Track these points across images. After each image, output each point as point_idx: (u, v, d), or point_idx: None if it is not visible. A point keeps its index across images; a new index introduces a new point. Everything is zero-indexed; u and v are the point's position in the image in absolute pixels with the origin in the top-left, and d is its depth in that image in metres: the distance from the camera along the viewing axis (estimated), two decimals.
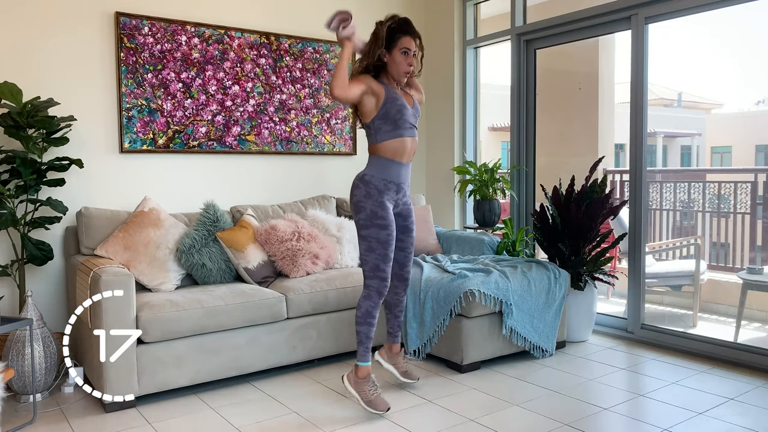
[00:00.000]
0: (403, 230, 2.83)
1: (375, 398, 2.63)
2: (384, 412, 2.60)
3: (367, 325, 2.67)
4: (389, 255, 2.66)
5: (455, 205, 4.72)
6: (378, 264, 2.65)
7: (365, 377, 2.67)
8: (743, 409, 2.68)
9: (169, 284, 3.17)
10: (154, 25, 3.60)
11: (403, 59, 2.64)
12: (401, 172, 2.70)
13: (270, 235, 3.44)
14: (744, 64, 14.86)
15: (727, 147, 13.08)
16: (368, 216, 2.63)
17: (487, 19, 4.81)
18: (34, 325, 2.82)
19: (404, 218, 2.82)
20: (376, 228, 2.62)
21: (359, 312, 2.69)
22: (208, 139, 3.83)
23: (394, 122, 2.64)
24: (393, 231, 2.66)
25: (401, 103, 2.66)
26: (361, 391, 2.65)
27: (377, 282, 2.66)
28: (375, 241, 2.63)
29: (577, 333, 3.71)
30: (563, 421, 2.56)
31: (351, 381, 2.70)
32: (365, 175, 2.67)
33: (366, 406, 2.62)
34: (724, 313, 4.68)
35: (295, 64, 4.16)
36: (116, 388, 2.69)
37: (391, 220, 2.66)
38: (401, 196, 2.75)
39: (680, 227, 5.79)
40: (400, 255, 2.87)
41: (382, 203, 2.64)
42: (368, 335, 2.68)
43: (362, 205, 2.65)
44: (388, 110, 2.63)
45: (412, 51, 2.65)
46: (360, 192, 2.66)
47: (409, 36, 2.65)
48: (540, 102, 4.39)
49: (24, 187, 3.06)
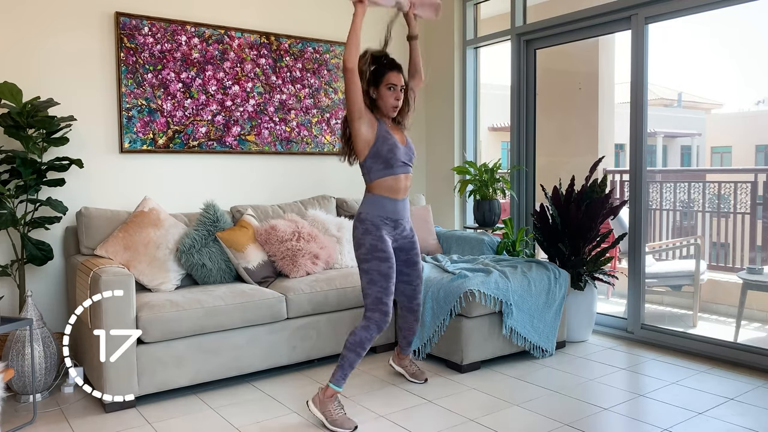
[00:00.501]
0: (407, 264, 2.86)
1: (340, 418, 2.52)
2: (350, 430, 2.49)
3: (356, 354, 2.59)
4: (391, 288, 2.65)
5: (455, 205, 4.72)
6: (380, 297, 2.62)
7: (332, 397, 2.57)
8: (743, 409, 2.68)
9: (169, 284, 3.17)
10: (154, 25, 3.60)
11: (389, 94, 2.66)
12: (397, 209, 2.71)
13: (270, 235, 3.44)
14: (744, 64, 14.88)
15: (727, 147, 13.08)
16: (368, 250, 2.64)
17: (487, 19, 4.81)
18: (34, 325, 2.82)
19: (406, 252, 2.84)
20: (377, 261, 2.63)
21: (351, 338, 2.60)
22: (208, 139, 3.83)
23: (386, 162, 2.65)
24: (393, 265, 2.67)
25: (392, 143, 2.66)
26: (326, 411, 2.54)
27: (379, 315, 2.61)
28: (377, 273, 2.63)
29: (577, 333, 3.71)
30: (563, 421, 2.56)
31: (316, 402, 2.59)
32: (361, 214, 2.69)
33: (331, 427, 2.50)
34: (724, 313, 4.68)
35: (295, 64, 4.16)
36: (116, 388, 2.69)
37: (391, 254, 2.67)
38: (400, 231, 2.76)
39: (680, 227, 5.79)
40: (407, 288, 2.90)
41: (381, 237, 2.65)
42: (352, 364, 2.59)
43: (362, 242, 2.66)
44: (379, 149, 2.64)
45: (398, 86, 2.67)
46: (358, 231, 2.68)
47: (396, 71, 2.67)
48: (540, 102, 4.39)
49: (24, 187, 3.06)
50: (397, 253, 2.80)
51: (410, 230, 2.84)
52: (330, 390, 2.57)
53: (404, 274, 2.87)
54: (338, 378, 2.58)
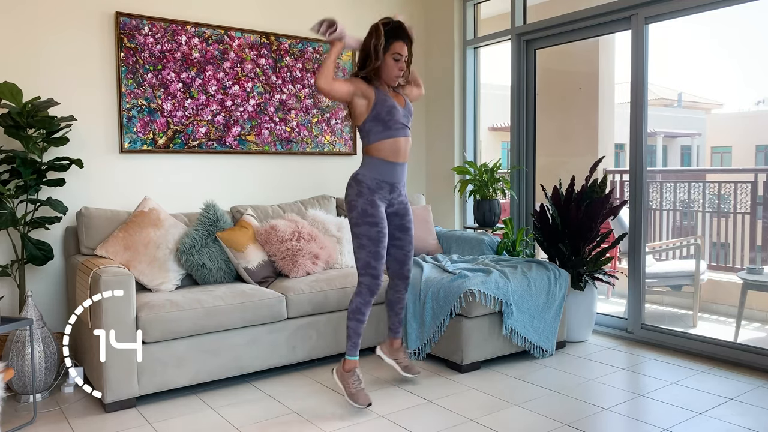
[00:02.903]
0: (401, 228, 2.88)
1: (357, 392, 2.67)
2: (364, 406, 2.64)
3: (356, 320, 2.73)
4: (381, 252, 2.70)
5: (455, 205, 4.72)
6: (369, 261, 2.69)
7: (351, 371, 2.72)
8: (743, 409, 2.68)
9: (169, 284, 3.17)
10: (154, 25, 3.60)
11: (394, 64, 2.69)
12: (395, 172, 2.74)
13: (270, 235, 3.44)
14: (744, 64, 14.86)
15: (727, 147, 13.07)
16: (359, 214, 2.68)
17: (487, 19, 4.81)
18: (34, 325, 2.82)
19: (401, 217, 2.86)
20: (367, 225, 2.67)
21: (350, 307, 2.76)
22: (208, 139, 3.83)
23: (385, 123, 2.68)
24: (384, 229, 2.71)
25: (391, 104, 2.70)
26: (346, 384, 2.70)
27: (368, 279, 2.71)
28: (366, 238, 2.68)
29: (577, 333, 3.71)
30: (563, 421, 2.56)
31: (338, 374, 2.76)
32: (358, 175, 2.73)
33: (348, 399, 2.68)
34: (724, 313, 4.68)
35: (295, 64, 4.16)
36: (116, 388, 2.70)
37: (382, 218, 2.71)
38: (396, 195, 2.79)
39: (680, 227, 5.79)
40: (399, 253, 2.91)
41: (373, 201, 2.69)
42: (357, 331, 2.74)
43: (354, 204, 2.70)
44: (379, 112, 2.67)
45: (403, 56, 2.70)
46: (352, 191, 2.72)
47: (402, 41, 2.69)
48: (540, 102, 4.39)
49: (24, 187, 3.06)
50: (391, 217, 2.83)
51: (405, 195, 2.88)
52: (347, 362, 2.72)
53: (396, 238, 2.88)
54: (349, 348, 2.73)
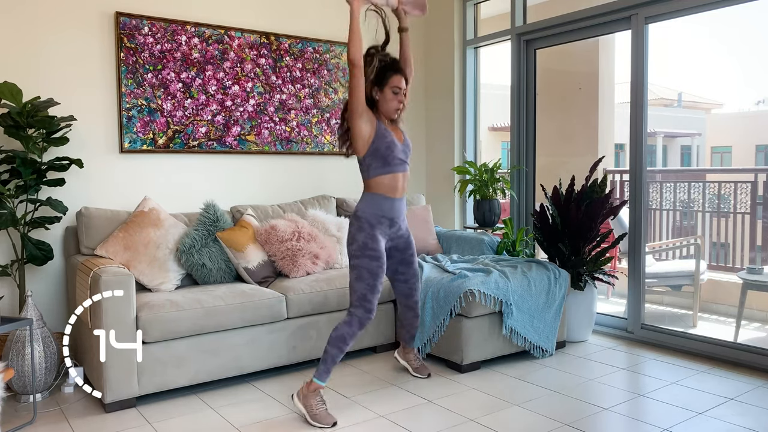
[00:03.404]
0: (402, 263, 2.90)
1: (320, 413, 2.57)
2: (329, 426, 2.52)
3: (338, 349, 2.63)
4: (377, 287, 2.68)
5: (455, 205, 4.72)
6: (365, 294, 2.66)
7: (315, 391, 2.61)
8: (743, 409, 2.68)
9: (169, 284, 3.17)
10: (154, 25, 3.60)
11: (393, 97, 2.70)
12: (394, 207, 2.74)
13: (270, 235, 3.44)
14: (744, 64, 14.87)
15: (727, 147, 13.07)
16: (360, 247, 2.68)
17: (487, 19, 4.81)
18: (34, 325, 2.82)
19: (402, 251, 2.87)
20: (367, 258, 2.66)
21: (334, 333, 2.64)
22: (208, 139, 3.83)
23: (384, 159, 2.68)
24: (383, 264, 2.70)
25: (390, 140, 2.69)
26: (308, 405, 2.59)
27: (362, 312, 2.65)
28: (365, 270, 2.66)
29: (577, 333, 3.71)
30: (563, 421, 2.56)
31: (300, 395, 2.64)
32: (357, 211, 2.73)
33: (311, 421, 2.55)
34: (724, 313, 4.68)
35: (295, 64, 4.15)
36: (116, 388, 2.70)
37: (382, 252, 2.70)
38: (395, 230, 2.79)
39: (680, 227, 5.79)
40: (404, 287, 2.95)
41: (373, 236, 2.69)
42: (335, 359, 2.63)
43: (355, 238, 2.71)
44: (378, 147, 2.67)
45: (402, 90, 2.71)
46: (353, 227, 2.73)
47: (399, 75, 2.70)
48: (540, 102, 4.39)
49: (24, 187, 3.06)
50: (392, 252, 2.84)
51: (406, 229, 2.87)
52: (314, 384, 2.62)
53: (400, 273, 2.92)
54: (321, 372, 2.63)
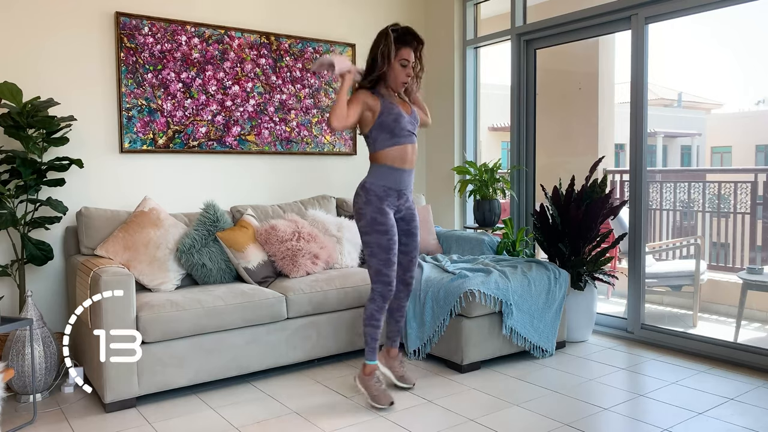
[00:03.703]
0: (407, 234, 2.89)
1: (379, 393, 2.73)
2: (386, 406, 2.69)
3: (372, 326, 2.77)
4: (392, 259, 2.72)
5: (455, 205, 4.72)
6: (380, 269, 2.72)
7: (371, 374, 2.78)
8: (743, 409, 2.68)
9: (169, 284, 3.17)
10: (154, 25, 3.60)
11: (401, 70, 2.70)
12: (402, 179, 2.75)
13: (270, 235, 3.44)
14: (744, 64, 14.85)
15: (727, 147, 13.07)
16: (368, 222, 2.69)
17: (487, 19, 4.81)
18: (34, 325, 2.82)
19: (407, 222, 2.88)
20: (377, 234, 2.69)
21: (365, 314, 2.79)
22: (208, 139, 3.83)
23: (391, 131, 2.69)
24: (394, 236, 2.72)
25: (397, 112, 2.70)
26: (368, 387, 2.76)
27: (381, 286, 2.74)
28: (376, 246, 2.70)
29: (577, 333, 3.71)
30: (563, 421, 2.56)
31: (360, 379, 2.81)
32: (365, 183, 2.74)
33: (371, 402, 2.72)
34: (724, 313, 4.68)
35: (295, 64, 4.15)
36: (116, 388, 2.70)
37: (392, 225, 2.72)
38: (403, 201, 2.80)
39: (680, 227, 5.79)
40: (404, 259, 2.92)
41: (381, 209, 2.69)
42: (373, 336, 2.78)
43: (363, 212, 2.71)
44: (384, 120, 2.68)
45: (410, 63, 2.71)
46: (360, 199, 2.73)
47: (409, 47, 2.70)
48: (540, 102, 4.39)
49: (24, 187, 3.06)
50: (398, 222, 2.84)
51: (413, 201, 2.90)
52: (367, 366, 2.78)
53: (402, 243, 2.89)
54: (368, 353, 2.78)
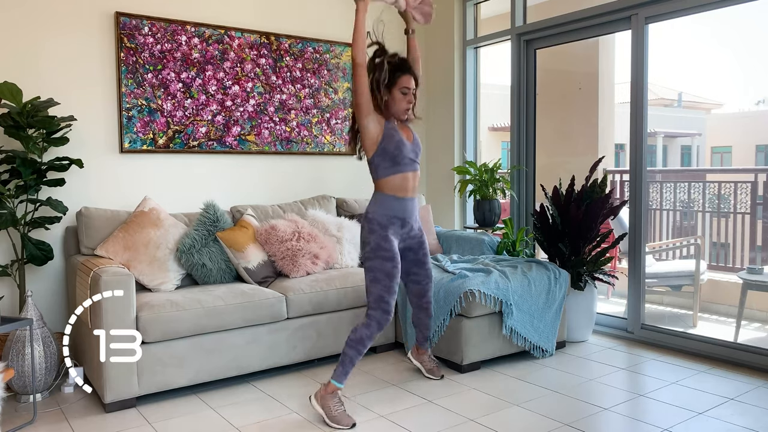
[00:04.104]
0: (416, 263, 2.89)
1: (339, 414, 2.54)
2: (348, 427, 2.50)
3: (356, 351, 2.61)
4: (393, 288, 2.66)
5: (455, 205, 4.72)
6: (382, 296, 2.64)
7: (333, 392, 2.59)
8: (743, 409, 2.68)
9: (169, 284, 3.17)
10: (154, 25, 3.60)
11: (402, 98, 2.68)
12: (405, 208, 2.73)
13: (270, 235, 3.44)
14: (744, 64, 14.85)
15: (727, 147, 13.07)
16: (372, 249, 2.66)
17: (487, 19, 4.81)
18: (34, 325, 2.82)
19: (415, 252, 2.86)
20: (380, 260, 2.65)
21: (352, 335, 2.63)
22: (208, 139, 3.83)
23: (393, 159, 2.67)
24: (398, 264, 2.68)
25: (399, 140, 2.68)
26: (326, 406, 2.57)
27: (380, 314, 2.63)
28: (380, 272, 2.64)
29: (577, 333, 3.71)
30: (563, 421, 2.56)
31: (318, 397, 2.62)
32: (368, 213, 2.72)
33: (330, 422, 2.53)
34: (724, 313, 4.68)
35: (295, 64, 4.15)
36: (116, 388, 2.70)
37: (396, 252, 2.68)
38: (407, 230, 2.77)
39: (680, 227, 5.79)
40: (416, 288, 2.93)
41: (386, 237, 2.67)
42: (353, 361, 2.61)
43: (367, 240, 2.69)
44: (386, 146, 2.66)
45: (411, 90, 2.69)
46: (364, 230, 2.72)
47: (408, 74, 2.69)
48: (540, 102, 4.39)
49: (24, 187, 3.06)
50: (405, 253, 2.83)
51: (419, 230, 2.85)
52: (332, 386, 2.60)
53: (413, 273, 2.91)
54: (339, 374, 2.61)
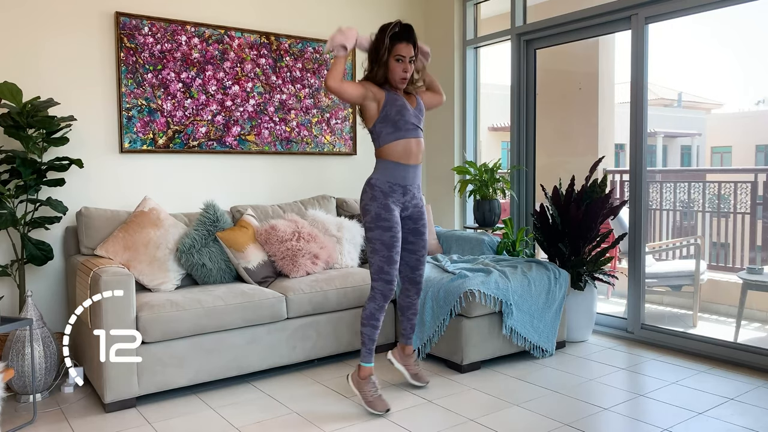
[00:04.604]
0: (414, 233, 2.84)
1: (375, 399, 2.65)
2: (383, 412, 2.62)
3: (371, 326, 2.69)
4: (394, 257, 2.66)
5: (455, 205, 4.72)
6: (382, 266, 2.65)
7: (367, 377, 2.69)
8: (743, 409, 2.68)
9: (169, 284, 3.17)
10: (154, 25, 3.60)
11: (397, 66, 2.63)
12: (407, 175, 2.70)
13: (270, 235, 3.44)
14: (744, 64, 14.86)
15: (727, 147, 13.07)
16: (373, 218, 2.65)
17: (487, 19, 4.81)
18: (34, 325, 2.82)
19: (414, 221, 2.82)
20: (380, 230, 2.64)
21: (364, 313, 2.71)
22: (208, 139, 3.83)
23: (394, 124, 2.65)
24: (398, 233, 2.67)
25: (401, 104, 2.67)
26: (363, 390, 2.68)
27: (381, 284, 2.67)
28: (379, 243, 2.64)
29: (577, 333, 3.71)
30: (563, 421, 2.56)
31: (354, 380, 2.74)
32: (371, 179, 2.71)
33: (366, 407, 2.66)
34: (724, 313, 4.68)
35: (295, 64, 4.15)
36: (116, 388, 2.70)
37: (396, 222, 2.67)
38: (409, 198, 2.74)
39: (680, 227, 5.79)
40: (411, 258, 2.88)
41: (386, 205, 2.65)
42: (371, 337, 2.70)
43: (368, 208, 2.68)
44: (388, 112, 2.64)
45: (406, 58, 2.63)
46: (366, 196, 2.69)
47: (405, 42, 2.62)
48: (540, 102, 4.39)
49: (24, 187, 3.06)
50: (405, 221, 2.79)
51: (420, 198, 2.82)
52: (363, 369, 2.69)
53: (409, 242, 2.85)
54: (364, 354, 2.70)
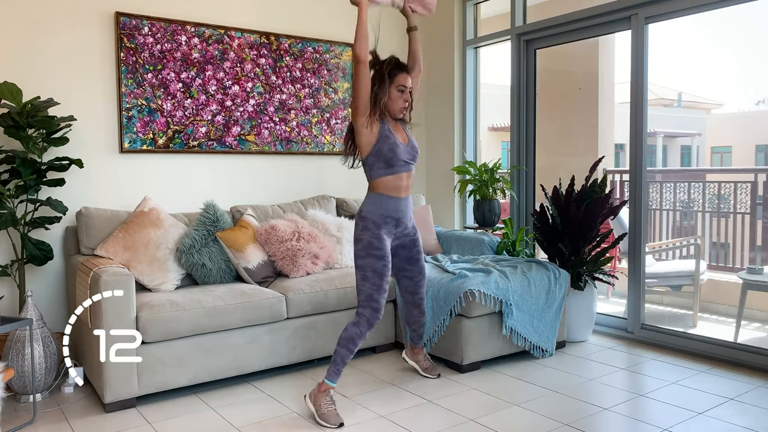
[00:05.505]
0: (409, 261, 2.91)
1: (328, 412, 2.57)
2: (335, 426, 2.52)
3: (347, 350, 2.63)
4: (384, 286, 2.69)
5: (455, 205, 4.72)
6: (372, 294, 2.66)
7: (325, 392, 2.62)
8: (743, 409, 2.68)
9: (169, 284, 3.17)
10: (154, 25, 3.60)
11: (399, 96, 2.71)
12: (399, 207, 2.74)
13: (270, 235, 3.44)
14: (744, 64, 14.87)
15: (727, 147, 13.08)
16: (364, 247, 2.68)
17: (487, 19, 4.81)
18: (34, 325, 2.82)
19: (408, 249, 2.88)
20: (372, 258, 2.67)
21: (343, 334, 2.65)
22: (208, 139, 3.83)
23: (387, 161, 2.69)
24: (389, 263, 2.71)
25: (393, 142, 2.70)
26: (317, 404, 2.60)
27: (369, 312, 2.66)
28: (370, 270, 2.67)
29: (577, 333, 3.71)
30: (563, 421, 2.56)
31: (311, 396, 2.65)
32: (362, 211, 2.74)
33: (319, 420, 2.56)
34: (724, 313, 4.68)
35: (295, 64, 4.15)
36: (116, 388, 2.70)
37: (387, 252, 2.71)
38: (401, 229, 2.79)
39: (680, 227, 5.79)
40: (409, 284, 2.95)
41: (378, 235, 2.69)
42: (344, 359, 2.64)
43: (360, 238, 2.71)
44: (381, 148, 2.68)
45: (407, 88, 2.72)
46: (358, 227, 2.73)
47: (405, 73, 2.72)
48: (540, 102, 4.39)
49: (24, 187, 3.06)
50: (398, 250, 2.85)
51: (412, 228, 2.88)
52: (325, 385, 2.63)
53: (406, 270, 2.92)
54: (332, 373, 2.64)
